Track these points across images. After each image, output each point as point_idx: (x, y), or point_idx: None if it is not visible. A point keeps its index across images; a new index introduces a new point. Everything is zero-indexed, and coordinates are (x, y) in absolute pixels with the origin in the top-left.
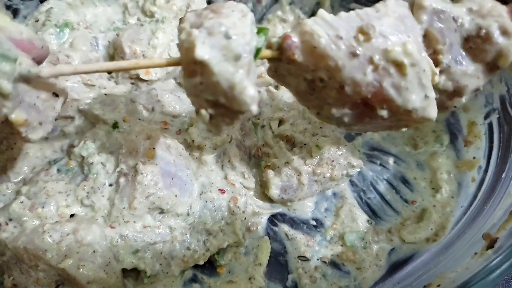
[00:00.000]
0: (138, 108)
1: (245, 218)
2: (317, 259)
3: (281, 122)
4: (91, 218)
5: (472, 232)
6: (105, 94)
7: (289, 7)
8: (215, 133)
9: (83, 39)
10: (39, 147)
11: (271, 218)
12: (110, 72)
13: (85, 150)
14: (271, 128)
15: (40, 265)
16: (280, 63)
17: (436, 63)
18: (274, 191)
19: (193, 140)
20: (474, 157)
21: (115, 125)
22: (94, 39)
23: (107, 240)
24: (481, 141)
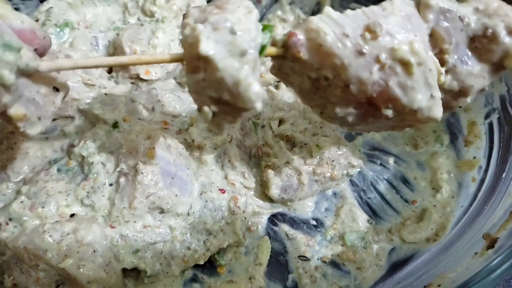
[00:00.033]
0: (138, 107)
1: (245, 218)
2: (317, 259)
3: (281, 122)
4: (91, 217)
5: (472, 232)
6: (105, 94)
7: (289, 7)
8: (216, 131)
9: (83, 39)
10: (39, 147)
11: (271, 218)
12: (110, 72)
13: (85, 150)
14: (271, 128)
15: (40, 265)
16: (284, 61)
17: (442, 62)
18: (274, 191)
19: (193, 140)
20: (474, 157)
21: (115, 124)
22: (94, 38)
23: (107, 240)
24: (482, 141)
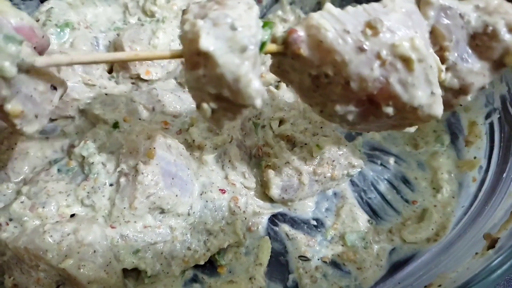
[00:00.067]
0: (138, 108)
1: (245, 218)
2: (318, 259)
3: (281, 122)
4: (91, 218)
5: (473, 232)
6: (106, 94)
7: (289, 7)
8: (216, 128)
9: (83, 39)
10: (40, 147)
11: (271, 218)
12: (111, 72)
13: (85, 150)
14: (271, 128)
15: (40, 265)
16: (284, 58)
17: (442, 60)
18: (275, 191)
19: (193, 140)
20: (475, 157)
21: (115, 125)
22: (94, 39)
23: (107, 240)
24: (482, 141)
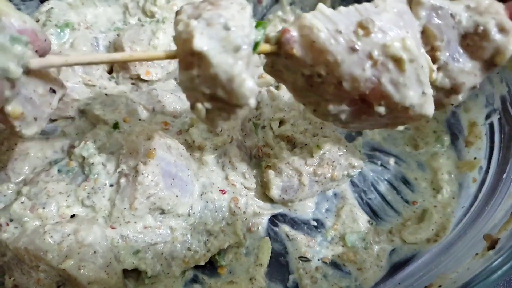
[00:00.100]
0: (138, 108)
1: (246, 219)
2: (318, 260)
3: (281, 123)
4: (92, 218)
5: (473, 233)
6: (106, 95)
7: (289, 7)
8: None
9: (83, 40)
10: (40, 148)
11: (271, 219)
12: (111, 73)
13: (85, 151)
14: (271, 129)
15: (41, 266)
16: (277, 58)
17: (434, 60)
18: (275, 191)
19: (193, 141)
20: (475, 158)
21: (115, 125)
22: (94, 39)
23: (108, 241)
24: (482, 142)
